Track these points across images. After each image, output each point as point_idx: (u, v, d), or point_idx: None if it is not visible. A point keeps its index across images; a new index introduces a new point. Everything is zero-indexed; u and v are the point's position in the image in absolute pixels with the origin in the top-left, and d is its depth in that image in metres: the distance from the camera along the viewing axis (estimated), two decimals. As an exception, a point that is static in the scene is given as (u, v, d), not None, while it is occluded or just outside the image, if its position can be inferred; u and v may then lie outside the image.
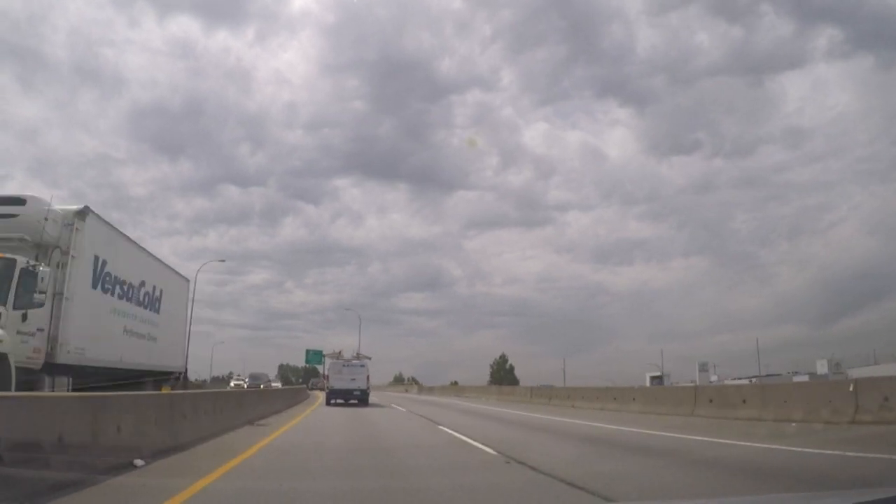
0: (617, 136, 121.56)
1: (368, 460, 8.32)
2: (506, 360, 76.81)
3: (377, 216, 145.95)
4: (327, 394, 26.46)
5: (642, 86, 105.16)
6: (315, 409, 21.97)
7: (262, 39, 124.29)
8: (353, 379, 25.74)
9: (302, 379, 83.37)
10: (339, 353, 28.55)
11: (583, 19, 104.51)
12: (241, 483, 6.03)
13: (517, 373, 76.74)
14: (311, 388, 51.52)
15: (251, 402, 15.76)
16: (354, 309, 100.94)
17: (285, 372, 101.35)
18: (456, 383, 58.84)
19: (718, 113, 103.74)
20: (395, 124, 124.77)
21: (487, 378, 73.96)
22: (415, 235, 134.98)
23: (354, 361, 27.09)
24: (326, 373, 27.55)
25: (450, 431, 12.46)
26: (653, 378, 59.94)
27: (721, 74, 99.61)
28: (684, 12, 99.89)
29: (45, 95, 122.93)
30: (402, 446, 10.24)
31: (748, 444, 9.10)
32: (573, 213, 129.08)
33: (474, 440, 10.17)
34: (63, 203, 12.34)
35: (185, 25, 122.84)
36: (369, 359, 27.94)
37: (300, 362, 76.24)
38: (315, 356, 51.23)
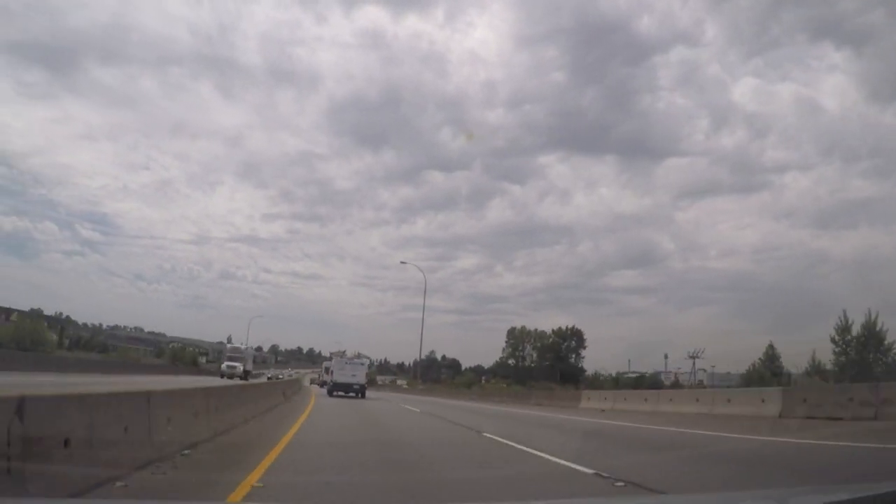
0: (834, 83, 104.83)
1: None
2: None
3: (585, 192, 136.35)
4: (330, 387, 29.75)
5: (859, 23, 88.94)
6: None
7: (451, 19, 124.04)
8: (354, 375, 28.80)
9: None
10: (343, 352, 31.56)
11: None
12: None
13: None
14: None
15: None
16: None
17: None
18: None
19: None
20: (599, 93, 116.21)
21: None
22: (625, 209, 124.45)
23: (356, 360, 29.89)
24: (330, 368, 30.96)
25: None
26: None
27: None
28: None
29: (245, 101, 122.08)
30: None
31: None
32: (791, 175, 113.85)
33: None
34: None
35: (373, 15, 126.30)
36: (368, 358, 32.29)
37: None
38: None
